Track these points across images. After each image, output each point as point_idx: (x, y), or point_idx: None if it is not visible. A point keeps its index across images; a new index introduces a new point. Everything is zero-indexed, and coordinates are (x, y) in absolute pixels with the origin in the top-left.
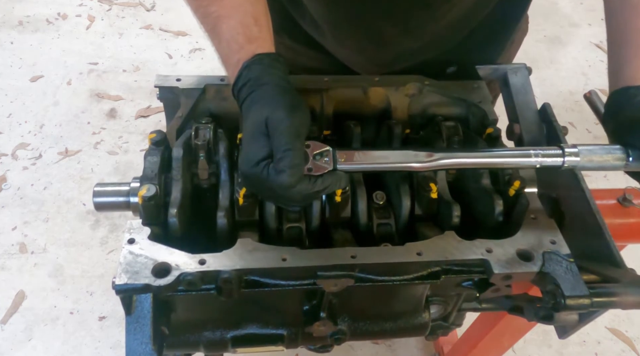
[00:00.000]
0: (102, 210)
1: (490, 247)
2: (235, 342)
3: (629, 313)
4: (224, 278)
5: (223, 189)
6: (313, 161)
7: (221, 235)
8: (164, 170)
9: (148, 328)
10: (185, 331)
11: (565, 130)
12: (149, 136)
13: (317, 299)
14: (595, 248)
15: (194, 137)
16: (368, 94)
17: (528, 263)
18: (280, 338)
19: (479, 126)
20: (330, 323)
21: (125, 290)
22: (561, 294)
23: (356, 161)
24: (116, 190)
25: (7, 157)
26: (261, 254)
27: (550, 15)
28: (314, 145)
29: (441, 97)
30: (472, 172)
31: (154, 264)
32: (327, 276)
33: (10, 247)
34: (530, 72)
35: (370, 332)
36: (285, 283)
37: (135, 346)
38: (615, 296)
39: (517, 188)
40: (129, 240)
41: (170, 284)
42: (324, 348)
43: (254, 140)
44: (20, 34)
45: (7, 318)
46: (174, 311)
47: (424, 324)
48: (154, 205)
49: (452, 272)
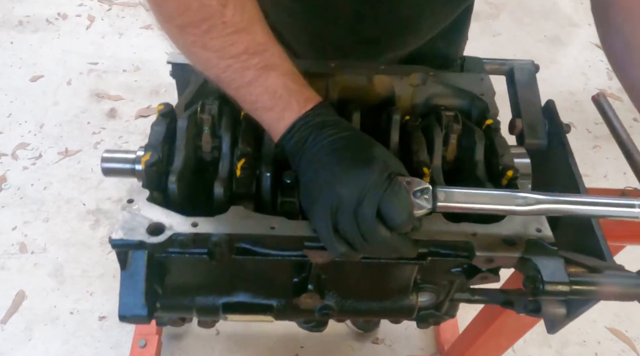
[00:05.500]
0: (109, 175)
1: (475, 231)
2: (226, 309)
3: (629, 313)
4: (214, 242)
5: (223, 161)
6: (414, 199)
7: (217, 205)
8: (168, 140)
9: (141, 284)
10: (178, 294)
11: (568, 128)
12: (157, 107)
13: (305, 272)
14: (587, 246)
15: (200, 111)
16: (373, 82)
17: (511, 248)
18: (269, 308)
19: (480, 118)
20: (317, 296)
21: (120, 245)
22: (541, 279)
23: (456, 200)
24: (123, 157)
25: (7, 156)
26: (251, 221)
27: (551, 15)
28: (414, 181)
29: (445, 88)
30: (469, 161)
31: (149, 223)
32: (313, 246)
33: (10, 246)
34: (538, 69)
35: (358, 310)
36: (275, 253)
37: (128, 300)
38: (596, 285)
39: (510, 177)
40: (129, 200)
41: (162, 242)
42: (316, 328)
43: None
44: (20, 34)
45: (7, 318)
46: (169, 274)
47: (411, 307)
48: (156, 171)
49: (438, 255)
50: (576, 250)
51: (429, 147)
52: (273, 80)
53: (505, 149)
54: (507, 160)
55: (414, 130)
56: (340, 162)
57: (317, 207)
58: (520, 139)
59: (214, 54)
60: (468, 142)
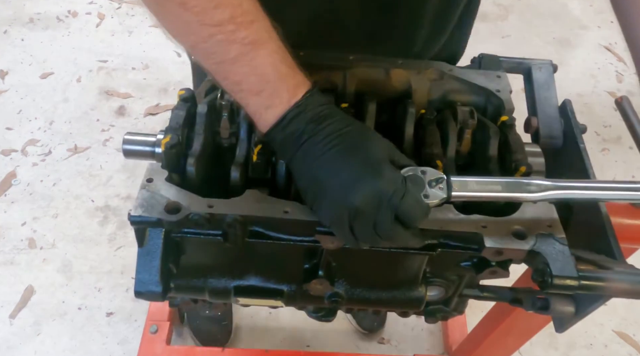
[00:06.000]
0: (129, 157)
1: (486, 223)
2: (237, 292)
3: (637, 317)
4: (229, 222)
5: (240, 147)
6: (429, 188)
7: (233, 188)
8: (188, 124)
9: (157, 262)
10: (192, 276)
11: (584, 128)
12: (178, 92)
13: (317, 259)
14: (599, 247)
15: (220, 97)
16: (390, 75)
17: (521, 242)
18: (280, 293)
19: (495, 114)
20: (327, 282)
21: (139, 222)
22: (549, 273)
23: (470, 189)
24: (144, 140)
25: (17, 153)
26: (266, 205)
27: (560, 17)
28: (430, 172)
29: (461, 84)
30: (482, 156)
31: (167, 202)
32: (324, 231)
33: (19, 242)
34: (556, 69)
35: (367, 299)
36: (287, 237)
37: (144, 276)
38: (605, 281)
39: (523, 173)
40: (148, 179)
41: (179, 221)
42: (325, 317)
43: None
44: (31, 31)
45: (16, 312)
46: (184, 254)
47: (419, 298)
48: (175, 153)
49: (448, 246)
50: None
51: (443, 140)
52: (261, 59)
53: (519, 146)
54: (520, 156)
55: (428, 123)
56: (350, 167)
57: (331, 213)
58: (535, 137)
59: (194, 17)
60: (482, 137)
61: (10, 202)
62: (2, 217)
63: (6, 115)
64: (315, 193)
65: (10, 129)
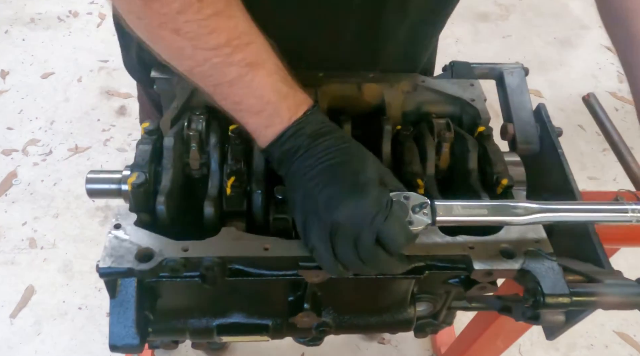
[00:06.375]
0: (94, 196)
1: (473, 244)
2: (220, 330)
3: (637, 318)
4: (206, 265)
5: (212, 179)
6: (412, 214)
7: (208, 224)
8: (155, 159)
9: (132, 312)
10: (171, 318)
11: (560, 132)
12: (142, 125)
13: (301, 290)
14: (583, 251)
15: (187, 127)
16: (362, 90)
17: (510, 261)
18: (265, 328)
19: (471, 124)
20: (314, 314)
21: (109, 274)
22: (541, 292)
23: (455, 213)
24: (108, 177)
25: (17, 152)
26: (244, 243)
27: (561, 17)
28: (413, 197)
29: (435, 94)
30: (462, 169)
31: (138, 249)
32: (308, 266)
33: (20, 242)
34: (527, 72)
35: (356, 326)
36: (269, 273)
37: (119, 329)
38: (596, 296)
39: (505, 186)
40: (115, 225)
41: (152, 269)
42: (312, 341)
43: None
44: (32, 31)
45: (17, 312)
46: (160, 298)
47: (409, 320)
48: (143, 192)
49: (435, 268)
50: (572, 256)
51: (421, 156)
52: (260, 80)
53: (499, 157)
54: (501, 169)
55: (405, 140)
56: (338, 183)
57: (315, 227)
58: (512, 144)
59: (188, 43)
60: (461, 151)
61: (11, 201)
62: (3, 216)
63: (7, 115)
64: (304, 211)
65: (11, 129)
